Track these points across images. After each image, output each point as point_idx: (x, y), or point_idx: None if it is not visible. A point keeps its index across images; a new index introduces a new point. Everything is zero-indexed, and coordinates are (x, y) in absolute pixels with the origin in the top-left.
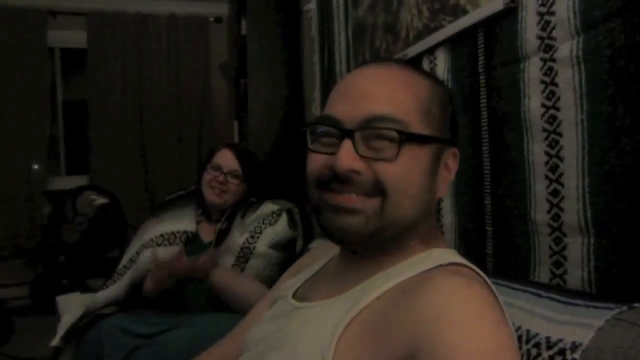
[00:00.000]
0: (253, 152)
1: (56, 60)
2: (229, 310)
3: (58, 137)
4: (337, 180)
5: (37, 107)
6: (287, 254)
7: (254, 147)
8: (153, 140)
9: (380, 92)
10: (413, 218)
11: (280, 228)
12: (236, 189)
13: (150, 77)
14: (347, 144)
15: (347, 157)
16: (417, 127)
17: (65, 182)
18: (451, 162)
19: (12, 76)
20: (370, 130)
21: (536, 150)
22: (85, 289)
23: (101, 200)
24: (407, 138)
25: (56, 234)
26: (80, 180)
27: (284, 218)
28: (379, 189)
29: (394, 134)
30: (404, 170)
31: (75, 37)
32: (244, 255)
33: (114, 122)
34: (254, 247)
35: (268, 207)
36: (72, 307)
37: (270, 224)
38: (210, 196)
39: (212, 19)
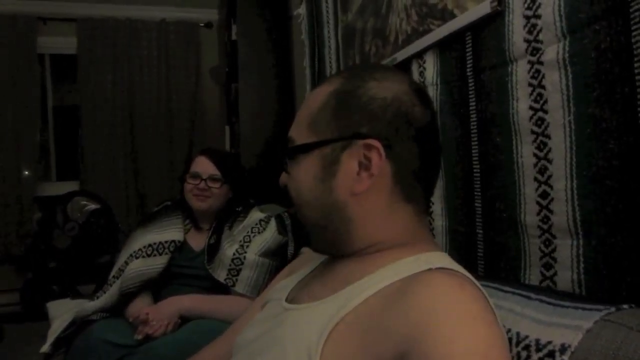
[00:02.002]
0: (230, 153)
1: (46, 66)
2: None
3: (48, 143)
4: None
5: (28, 113)
6: (279, 260)
7: (245, 152)
8: (144, 146)
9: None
10: (319, 220)
11: (269, 235)
12: (219, 192)
13: (140, 82)
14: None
15: (282, 175)
16: (304, 138)
17: (56, 188)
18: (373, 154)
19: (2, 82)
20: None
21: (525, 153)
22: (76, 294)
23: (92, 206)
24: (288, 153)
25: (47, 240)
26: (70, 186)
27: (272, 224)
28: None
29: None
30: (295, 181)
31: (65, 43)
32: (235, 267)
33: (104, 128)
34: (245, 257)
35: (255, 215)
36: (62, 313)
37: (258, 232)
38: (196, 203)
39: (202, 24)
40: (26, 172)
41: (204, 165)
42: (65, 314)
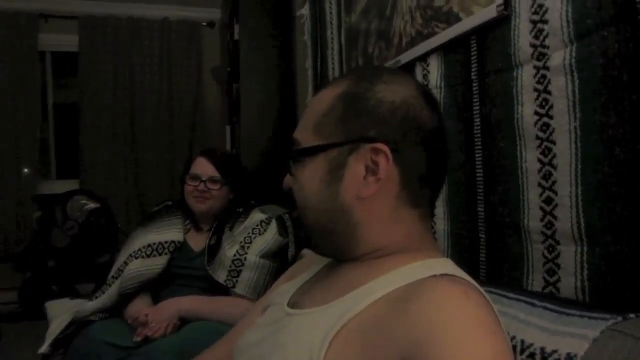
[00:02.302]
0: (231, 154)
1: (47, 63)
2: None
3: (49, 141)
4: None
5: (28, 110)
6: (280, 262)
7: (246, 152)
8: (144, 145)
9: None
10: (324, 224)
11: (270, 236)
12: (219, 194)
13: (142, 81)
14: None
15: (286, 178)
16: (311, 141)
17: (56, 187)
18: (381, 159)
19: (3, 79)
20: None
21: (529, 158)
22: (75, 294)
23: (92, 205)
24: (293, 156)
25: (46, 239)
26: (70, 185)
27: (273, 226)
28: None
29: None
30: (301, 185)
31: (67, 41)
32: (236, 268)
33: (105, 126)
34: (245, 259)
35: (257, 216)
36: (61, 313)
37: (259, 234)
38: (195, 205)
39: (204, 24)
40: (26, 170)
41: (203, 167)
42: (64, 314)
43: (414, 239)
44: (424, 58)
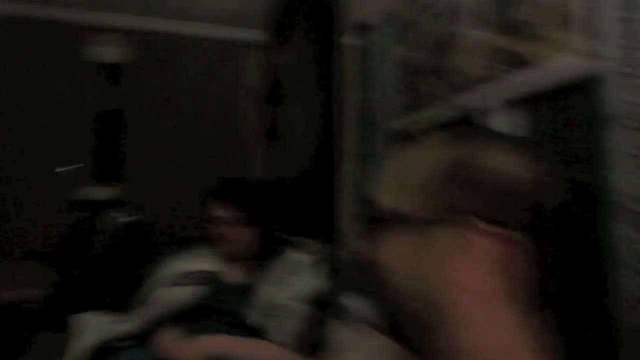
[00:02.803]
0: (247, 185)
1: (93, 73)
2: None
3: (90, 147)
4: None
5: (70, 116)
6: (317, 307)
7: (282, 178)
8: (183, 161)
9: None
10: (407, 309)
11: (306, 280)
12: (237, 235)
13: (182, 97)
14: None
15: (364, 245)
16: (402, 208)
17: (95, 193)
18: (486, 242)
19: (50, 87)
20: None
21: (623, 232)
22: (102, 308)
23: (129, 218)
24: (377, 223)
25: (76, 246)
26: (110, 192)
27: (309, 268)
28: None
29: None
30: (383, 257)
31: (112, 53)
32: (269, 312)
33: (147, 137)
34: (280, 302)
35: (292, 256)
36: (85, 329)
37: (296, 275)
38: (222, 248)
39: (246, 45)
40: (65, 174)
41: (214, 209)
42: (88, 331)
43: (513, 344)
44: (486, 104)
